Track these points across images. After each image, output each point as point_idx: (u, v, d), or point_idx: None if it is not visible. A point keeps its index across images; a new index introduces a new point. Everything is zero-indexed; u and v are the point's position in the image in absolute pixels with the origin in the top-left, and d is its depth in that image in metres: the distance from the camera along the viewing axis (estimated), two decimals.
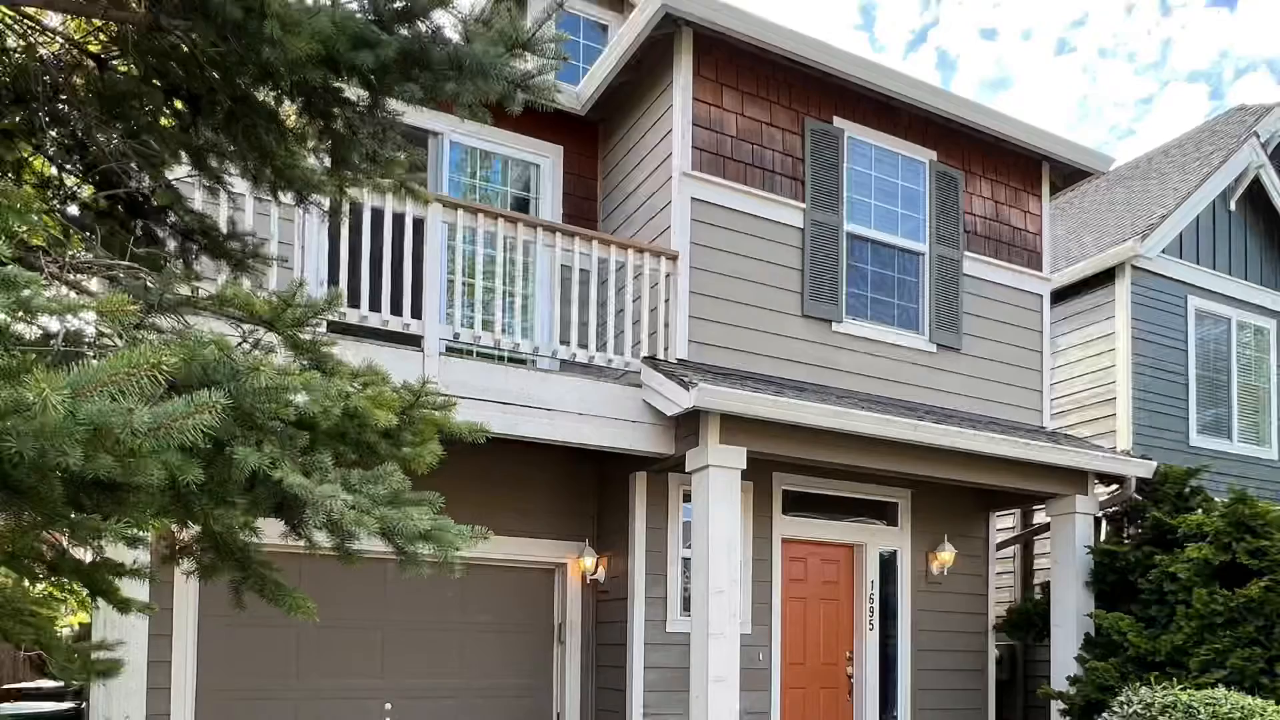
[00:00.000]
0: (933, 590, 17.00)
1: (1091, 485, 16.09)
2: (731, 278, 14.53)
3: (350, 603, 13.68)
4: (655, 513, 14.53)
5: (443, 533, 5.07)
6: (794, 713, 15.78)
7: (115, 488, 4.52)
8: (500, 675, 14.90)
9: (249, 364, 4.33)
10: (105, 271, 5.53)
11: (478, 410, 11.54)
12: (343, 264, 11.72)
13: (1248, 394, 21.31)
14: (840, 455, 13.66)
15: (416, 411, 5.90)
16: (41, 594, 10.95)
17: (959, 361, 16.52)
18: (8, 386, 3.38)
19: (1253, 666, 13.21)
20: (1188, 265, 20.46)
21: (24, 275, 3.86)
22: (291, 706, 13.59)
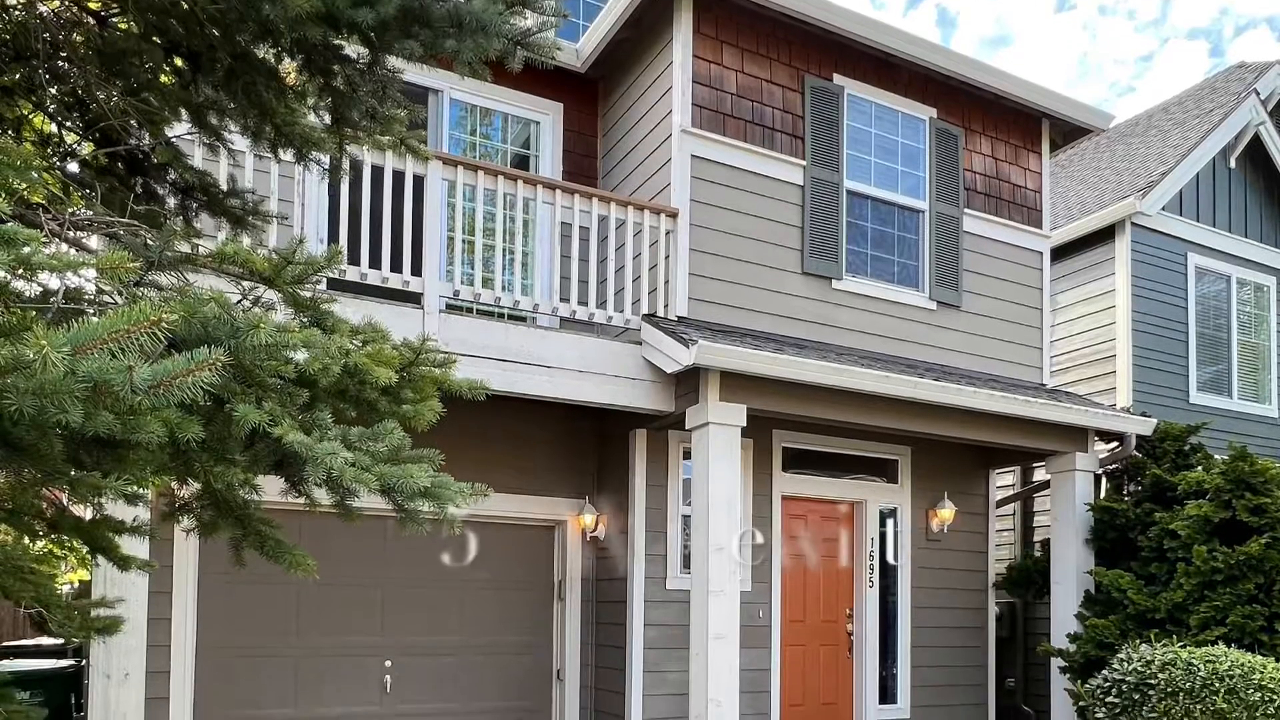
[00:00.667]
0: (933, 547, 17.02)
1: (1091, 442, 16.10)
2: (731, 235, 14.53)
3: (350, 560, 13.71)
4: (655, 470, 14.56)
5: (442, 490, 5.05)
6: (794, 670, 15.83)
7: (115, 445, 4.52)
8: (500, 632, 14.93)
9: (249, 321, 4.32)
10: (105, 229, 5.52)
11: (477, 367, 11.65)
12: (343, 221, 11.75)
13: (1247, 351, 21.32)
14: (840, 412, 13.69)
15: (416, 369, 5.89)
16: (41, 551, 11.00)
17: (959, 319, 16.52)
18: (8, 344, 3.38)
19: (1253, 624, 13.22)
20: (1187, 222, 20.44)
21: (24, 232, 3.85)
22: (291, 663, 13.62)
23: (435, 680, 14.51)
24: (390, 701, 14.17)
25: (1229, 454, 14.40)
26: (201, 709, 12.82)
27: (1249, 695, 11.07)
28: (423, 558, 14.34)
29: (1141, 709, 11.68)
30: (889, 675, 16.62)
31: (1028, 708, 19.46)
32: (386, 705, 14.15)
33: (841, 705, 16.39)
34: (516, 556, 15.24)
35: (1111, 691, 12.27)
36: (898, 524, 16.82)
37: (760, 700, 15.22)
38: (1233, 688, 11.13)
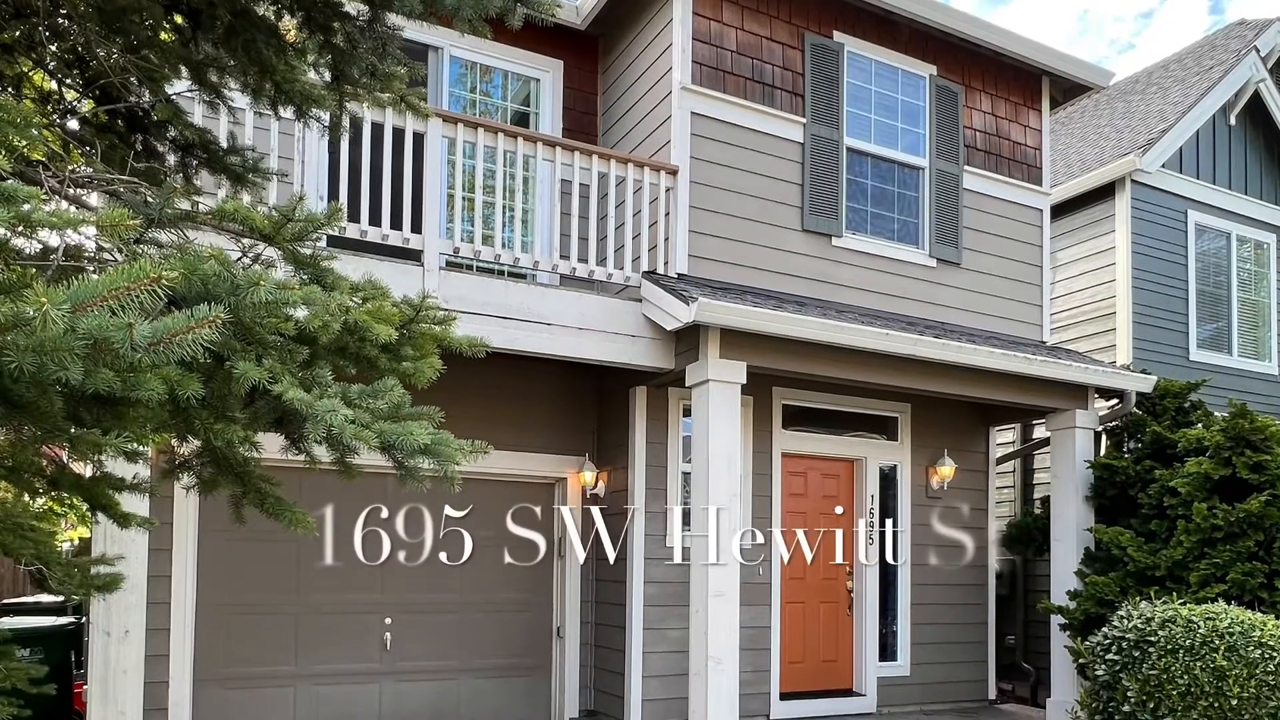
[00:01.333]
0: (933, 504, 17.06)
1: (1091, 400, 16.12)
2: (731, 192, 14.52)
3: (350, 516, 13.71)
4: (655, 427, 14.60)
5: (442, 447, 5.06)
6: (794, 627, 15.89)
7: (115, 402, 4.52)
8: (500, 590, 14.97)
9: (249, 278, 4.31)
10: (105, 186, 5.51)
11: (477, 325, 11.62)
12: (343, 179, 11.71)
13: (1248, 309, 21.31)
14: (840, 370, 13.69)
15: (416, 326, 5.88)
16: (41, 508, 10.99)
17: (959, 276, 16.53)
18: (8, 301, 3.37)
19: (1253, 581, 13.23)
20: (1188, 179, 20.42)
21: (24, 189, 3.85)
22: (291, 621, 13.67)
23: (435, 638, 14.55)
24: (390, 659, 14.22)
25: (1229, 411, 14.38)
26: (201, 666, 12.87)
27: (1249, 652, 11.09)
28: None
29: (1141, 666, 11.70)
30: (889, 633, 16.67)
31: (1028, 665, 19.49)
32: (386, 662, 14.20)
33: (841, 662, 16.43)
34: (517, 513, 15.21)
35: (1112, 649, 12.29)
36: (898, 481, 16.87)
37: (760, 657, 15.27)
38: (1233, 645, 11.15)
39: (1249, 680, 10.91)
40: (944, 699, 16.93)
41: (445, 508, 14.40)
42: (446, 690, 14.64)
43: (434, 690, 14.55)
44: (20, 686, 6.78)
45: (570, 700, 15.18)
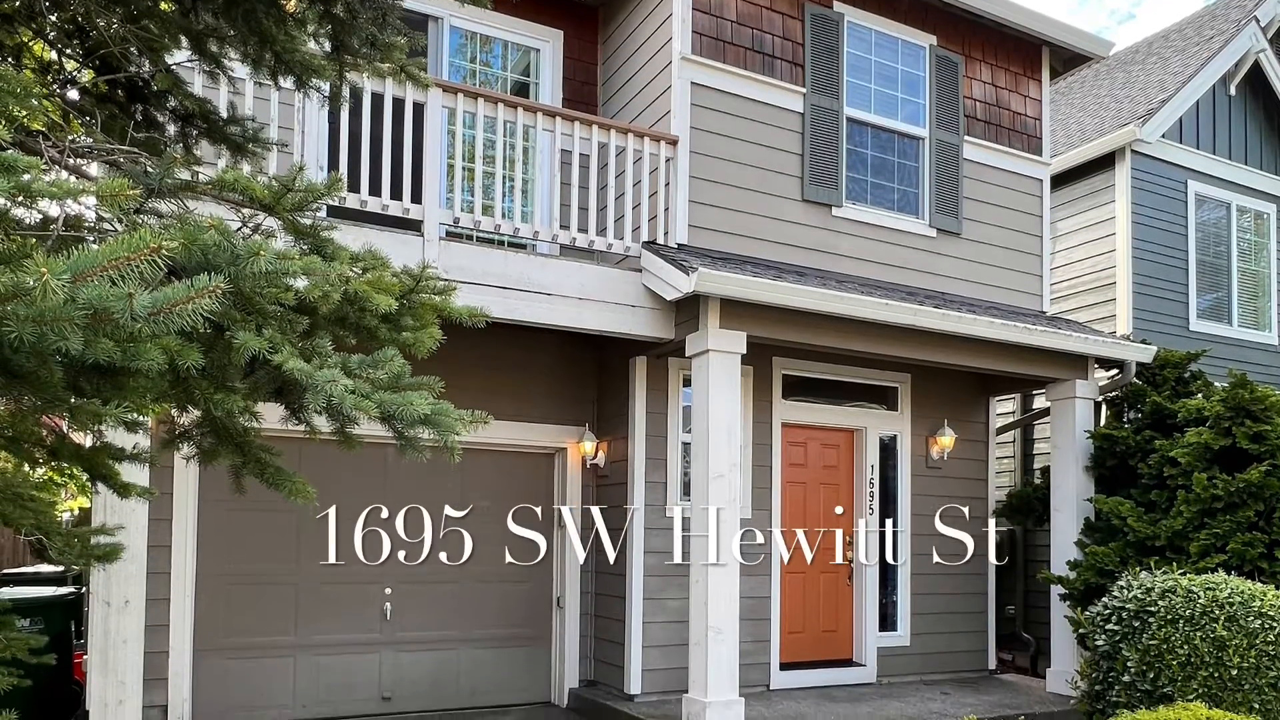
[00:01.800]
0: (933, 474, 17.08)
1: (1091, 370, 16.13)
2: (731, 162, 14.52)
3: (350, 488, 13.71)
4: (655, 397, 14.62)
5: (442, 417, 5.06)
6: (794, 596, 15.91)
7: (115, 372, 4.52)
8: (500, 560, 14.95)
9: (249, 248, 4.31)
10: (105, 156, 5.51)
11: (477, 295, 11.56)
12: (343, 149, 11.71)
13: (1248, 279, 21.35)
14: (840, 340, 13.69)
15: (416, 296, 5.89)
16: (41, 479, 10.98)
17: (959, 246, 16.53)
18: (8, 271, 3.37)
19: (1253, 551, 13.24)
20: (1188, 150, 20.44)
21: (24, 159, 3.85)
22: (291, 591, 13.71)
23: (435, 608, 14.59)
24: (390, 629, 14.27)
25: (1229, 381, 14.37)
26: (201, 635, 12.91)
27: (1249, 622, 11.09)
28: (423, 485, 14.33)
29: (1141, 636, 11.71)
30: (889, 603, 16.69)
31: (1028, 635, 19.53)
32: (386, 632, 14.23)
33: (841, 633, 16.46)
34: (517, 484, 15.27)
35: (1111, 619, 12.30)
36: (898, 451, 16.88)
37: (760, 627, 15.29)
38: (1233, 615, 11.15)
39: (1249, 650, 10.93)
40: (944, 669, 16.95)
41: (445, 478, 14.44)
42: (446, 660, 14.67)
43: (434, 660, 14.59)
44: (20, 657, 6.79)
45: (570, 670, 15.21)
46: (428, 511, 13.89)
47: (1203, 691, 10.89)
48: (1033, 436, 20.67)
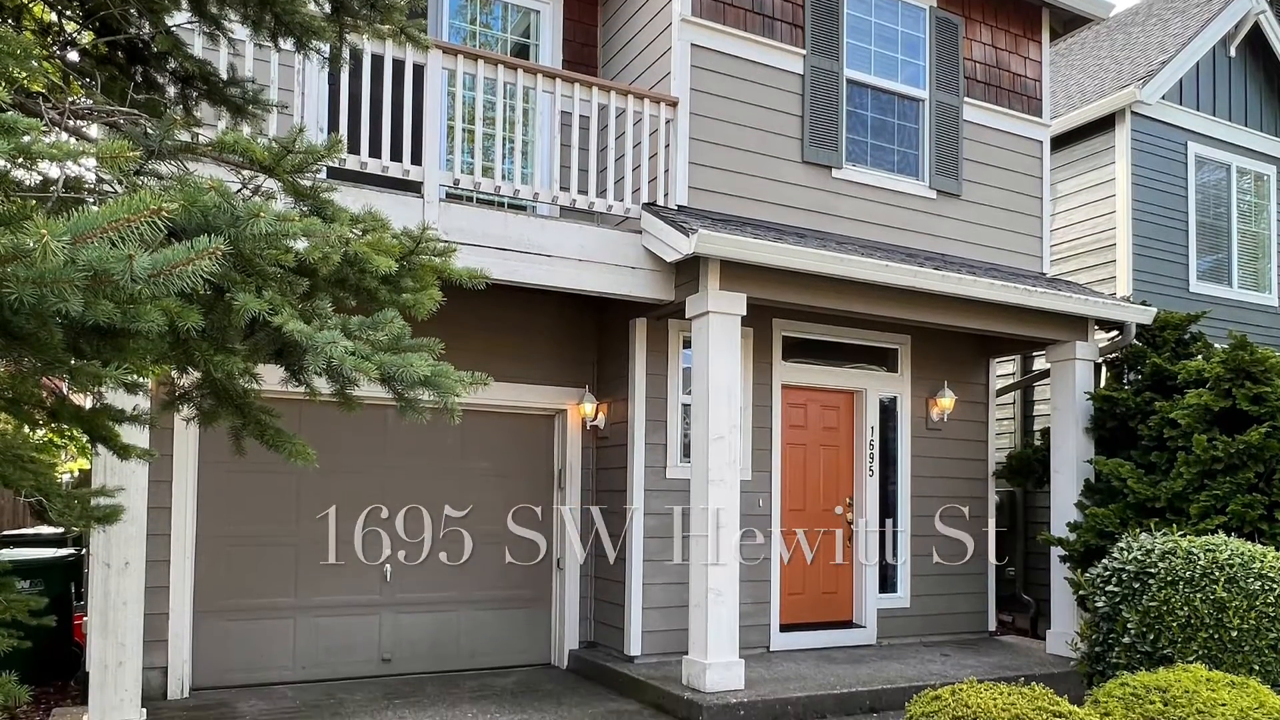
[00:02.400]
0: (933, 436, 17.11)
1: (1091, 331, 16.13)
2: (731, 124, 14.52)
3: (350, 449, 13.83)
4: (655, 359, 14.63)
5: (442, 378, 5.06)
6: (794, 558, 15.92)
7: (115, 334, 4.52)
8: (500, 522, 15.03)
9: (249, 210, 4.30)
10: (105, 118, 5.51)
11: (477, 256, 11.63)
12: (343, 110, 11.75)
13: (1247, 240, 21.36)
14: (840, 301, 13.70)
15: (416, 257, 5.88)
16: (41, 440, 10.99)
17: (959, 208, 16.53)
18: (8, 232, 3.37)
19: (1253, 513, 13.24)
20: (1188, 111, 20.43)
21: (24, 121, 3.84)
22: (291, 552, 13.75)
23: (435, 569, 14.61)
24: (390, 590, 14.30)
25: (1229, 343, 14.38)
26: (201, 597, 12.98)
27: (1249, 584, 11.08)
28: (423, 447, 14.42)
29: (1141, 598, 11.71)
30: (889, 564, 16.71)
31: (1028, 596, 19.58)
32: (386, 594, 14.28)
33: (841, 594, 16.50)
34: (516, 446, 15.34)
35: (1111, 580, 12.29)
36: (898, 412, 16.91)
37: (760, 589, 15.34)
38: (1233, 577, 11.15)
39: (1249, 612, 10.93)
40: (944, 631, 17.00)
41: (446, 439, 14.49)
42: (446, 622, 14.71)
43: (434, 621, 14.62)
44: (20, 618, 6.79)
45: (570, 632, 15.26)
46: (427, 473, 13.97)
47: (1203, 653, 10.90)
48: (1033, 398, 20.70)
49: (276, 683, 13.50)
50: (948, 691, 8.57)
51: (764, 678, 13.31)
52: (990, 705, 8.02)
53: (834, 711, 12.65)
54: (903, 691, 12.86)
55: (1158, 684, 9.14)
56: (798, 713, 12.39)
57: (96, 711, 10.00)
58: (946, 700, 8.39)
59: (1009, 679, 11.67)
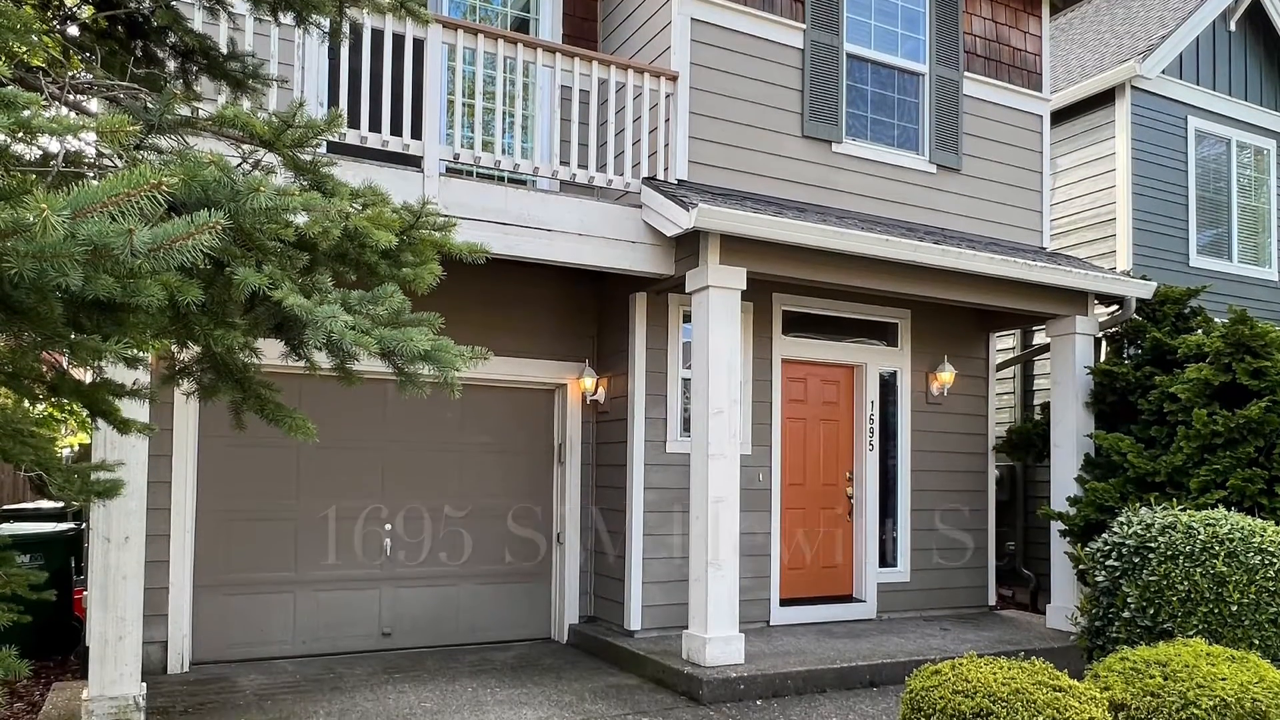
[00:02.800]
0: (933, 410, 17.12)
1: (1091, 306, 16.14)
2: (731, 98, 14.52)
3: (350, 424, 13.86)
4: (655, 333, 14.63)
5: (442, 353, 5.07)
6: (794, 533, 15.96)
7: (115, 308, 4.53)
8: (500, 496, 15.08)
9: (249, 184, 4.30)
10: (105, 92, 5.51)
11: (477, 231, 11.60)
12: (343, 85, 11.73)
13: (1247, 214, 21.38)
14: (840, 276, 13.70)
15: (416, 232, 5.89)
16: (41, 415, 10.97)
17: (959, 182, 16.54)
18: (8, 207, 3.37)
19: (1253, 487, 13.25)
20: (1188, 86, 20.43)
21: (24, 96, 3.85)
22: (291, 527, 13.77)
23: (435, 544, 14.65)
24: (390, 565, 14.33)
25: (1229, 317, 14.34)
26: (201, 572, 13.00)
27: (1249, 558, 11.09)
28: (423, 421, 14.46)
29: (1141, 572, 11.71)
30: (889, 538, 16.75)
31: (1028, 571, 19.61)
32: (386, 569, 14.30)
33: (841, 568, 16.52)
34: (517, 420, 15.36)
35: (1111, 555, 12.29)
36: (898, 387, 16.90)
37: (760, 563, 15.35)
38: (1232, 551, 11.15)
39: (1249, 586, 10.93)
40: (944, 605, 17.03)
41: (445, 414, 14.54)
42: (446, 596, 14.75)
43: (434, 595, 14.66)
44: (20, 592, 6.79)
45: (570, 606, 15.30)
46: (427, 447, 13.99)
47: (1203, 627, 10.91)
48: (1033, 372, 20.71)
49: (276, 657, 13.53)
50: (948, 666, 8.58)
51: (764, 652, 13.33)
52: (990, 679, 8.03)
53: (834, 686, 12.67)
54: (902, 666, 12.88)
55: (1158, 658, 9.15)
56: (798, 687, 12.41)
57: (96, 685, 10.01)
58: (946, 675, 8.40)
59: (1009, 653, 11.71)
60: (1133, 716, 8.66)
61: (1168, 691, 8.62)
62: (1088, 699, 8.02)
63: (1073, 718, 7.69)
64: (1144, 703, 8.66)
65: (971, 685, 8.03)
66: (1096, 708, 7.95)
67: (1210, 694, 8.54)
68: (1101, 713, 7.96)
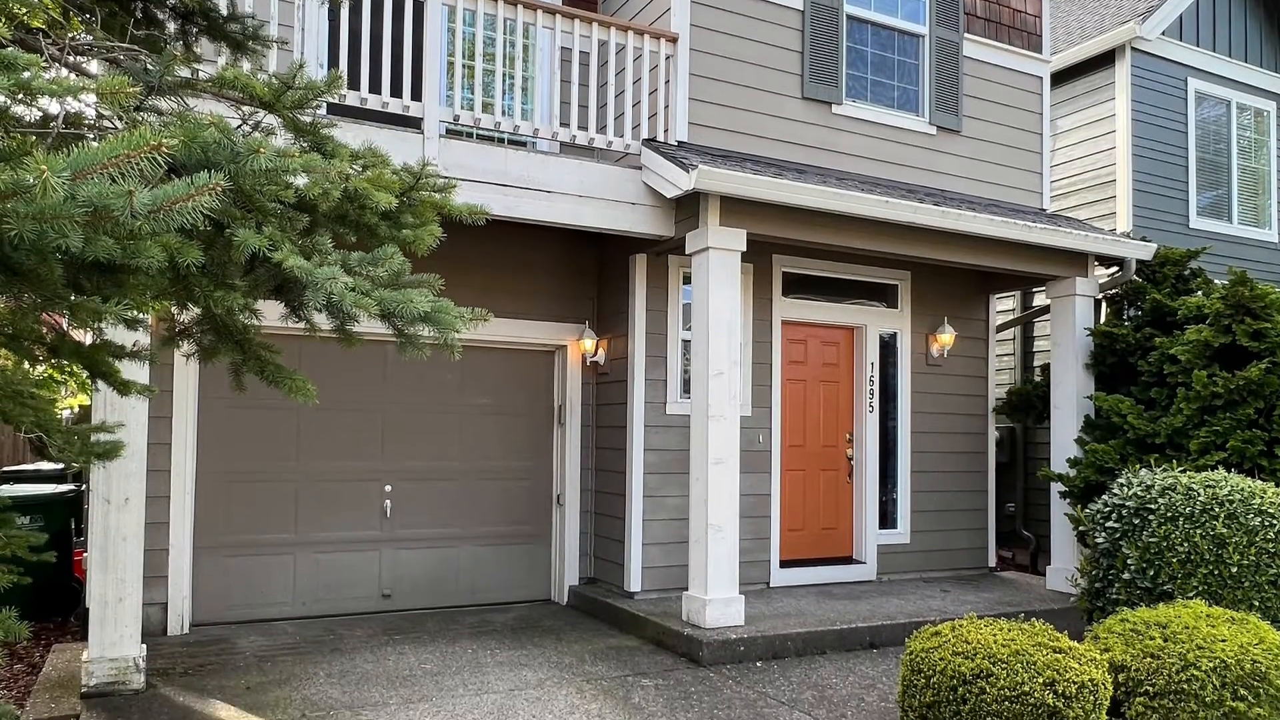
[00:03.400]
0: (933, 372, 17.14)
1: (1091, 267, 16.13)
2: (732, 60, 14.50)
3: (350, 386, 13.91)
4: (655, 295, 14.65)
5: (442, 314, 5.07)
6: (794, 494, 16.01)
7: (115, 270, 4.53)
8: (500, 458, 15.14)
9: (249, 146, 4.30)
10: (105, 54, 5.51)
11: (478, 192, 11.64)
12: (343, 46, 11.70)
13: (1247, 176, 21.37)
14: (840, 237, 13.70)
15: (416, 193, 5.89)
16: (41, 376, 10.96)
17: (959, 144, 16.53)
18: (8, 168, 3.37)
19: (1252, 449, 13.26)
20: (1188, 47, 20.39)
21: (24, 57, 3.85)
22: (291, 489, 13.81)
23: (435, 505, 14.72)
24: (390, 526, 14.38)
25: (1229, 279, 14.35)
26: (201, 533, 13.06)
27: (1249, 520, 11.08)
28: (423, 383, 14.51)
29: (1141, 534, 11.70)
30: (889, 500, 16.79)
31: (1027, 532, 19.66)
32: (386, 529, 14.35)
33: (841, 530, 16.56)
34: (517, 382, 15.40)
35: (1111, 516, 12.28)
36: (898, 348, 16.92)
37: (760, 525, 15.39)
38: (1232, 512, 11.13)
39: (1249, 548, 10.93)
40: (944, 566, 17.08)
41: (446, 376, 14.56)
42: (446, 557, 14.80)
43: (434, 557, 14.71)
44: (20, 554, 6.81)
45: (570, 568, 15.37)
46: (427, 409, 14.01)
47: (1203, 589, 10.92)
48: (1033, 334, 20.73)
49: (276, 618, 13.58)
50: (948, 627, 8.60)
51: (764, 614, 13.36)
52: (990, 641, 8.06)
53: (834, 647, 12.70)
54: (902, 627, 12.92)
55: (1158, 620, 9.18)
56: (797, 648, 12.44)
57: (97, 647, 10.04)
58: (946, 636, 8.42)
59: (1009, 615, 11.71)
60: (1133, 678, 8.69)
61: (1168, 653, 8.65)
62: (1087, 660, 8.04)
63: (1073, 679, 7.72)
64: (1144, 664, 8.68)
65: (971, 647, 8.05)
66: (1096, 669, 7.98)
67: (1210, 655, 8.57)
68: (1101, 674, 7.99)
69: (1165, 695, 8.51)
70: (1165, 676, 8.51)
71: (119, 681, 10.06)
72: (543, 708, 10.01)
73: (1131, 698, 8.70)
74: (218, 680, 10.69)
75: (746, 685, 11.11)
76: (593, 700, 10.34)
